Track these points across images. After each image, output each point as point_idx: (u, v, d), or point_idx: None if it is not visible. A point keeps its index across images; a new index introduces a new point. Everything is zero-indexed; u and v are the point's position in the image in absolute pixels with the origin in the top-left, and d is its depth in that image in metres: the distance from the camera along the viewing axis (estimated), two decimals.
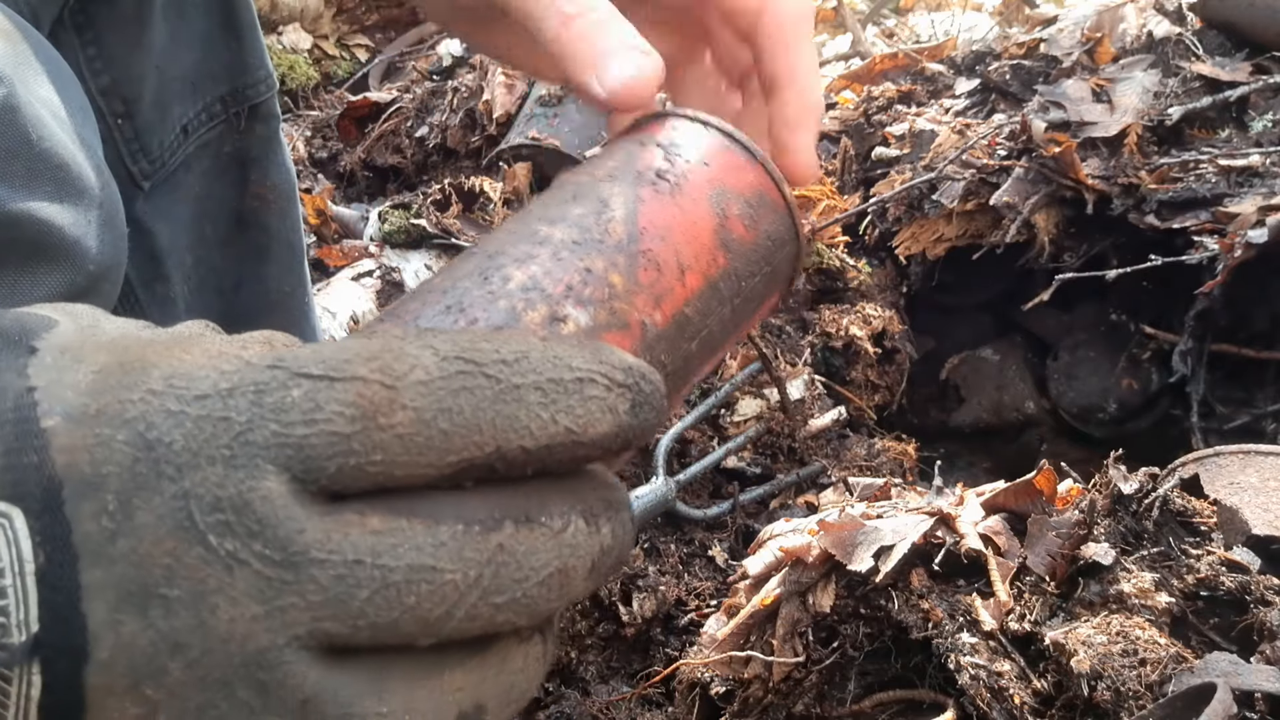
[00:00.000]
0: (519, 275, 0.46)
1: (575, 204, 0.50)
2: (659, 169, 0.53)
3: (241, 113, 1.04)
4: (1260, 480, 0.97)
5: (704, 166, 0.55)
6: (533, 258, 0.47)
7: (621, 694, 1.18)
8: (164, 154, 0.97)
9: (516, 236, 0.48)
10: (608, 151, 0.55)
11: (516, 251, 0.47)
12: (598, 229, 0.49)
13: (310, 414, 0.31)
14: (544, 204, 0.51)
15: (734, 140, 0.57)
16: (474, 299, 0.44)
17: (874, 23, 3.73)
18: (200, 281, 1.05)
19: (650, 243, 0.50)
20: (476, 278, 0.46)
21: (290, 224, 1.12)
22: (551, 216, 0.49)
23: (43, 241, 0.60)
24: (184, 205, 1.02)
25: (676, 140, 0.55)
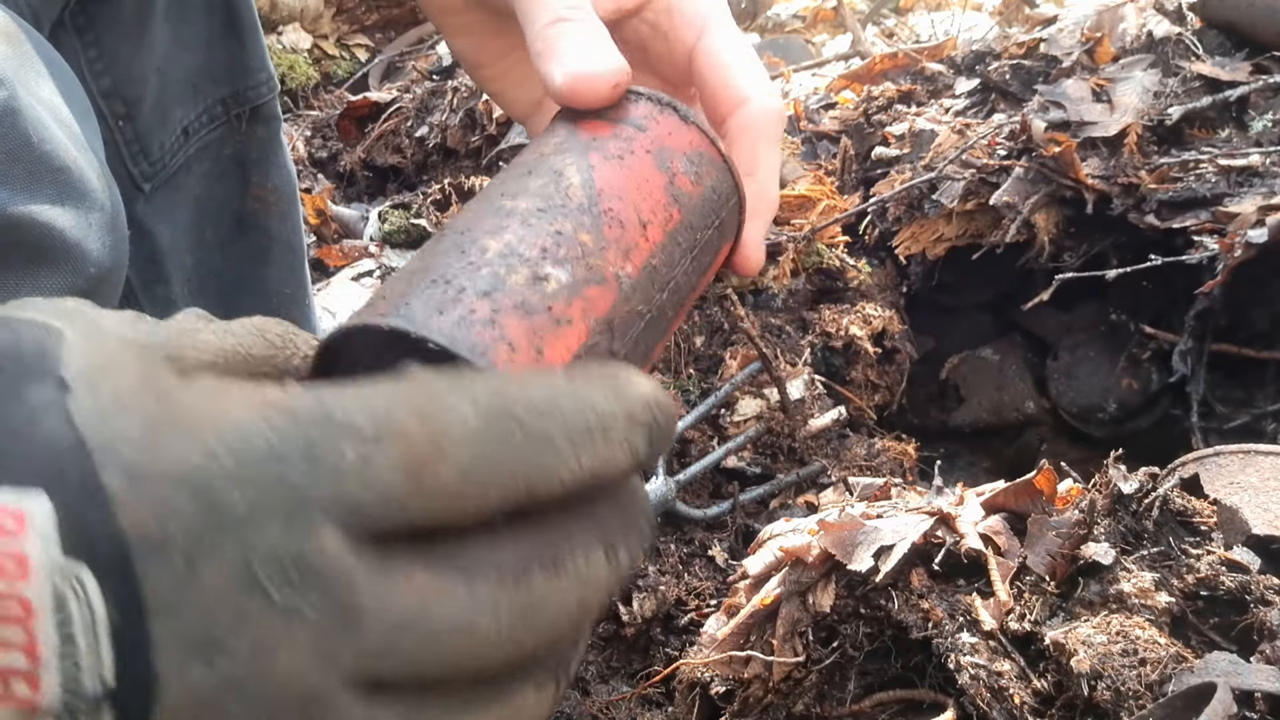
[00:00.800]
0: (494, 245, 0.48)
1: (532, 178, 0.53)
2: (602, 136, 0.57)
3: (243, 115, 1.04)
4: (1260, 480, 0.97)
5: (643, 132, 0.58)
6: (504, 229, 0.49)
7: (621, 694, 1.18)
8: (165, 156, 0.97)
9: (482, 213, 0.51)
10: (551, 130, 0.58)
11: (486, 225, 0.49)
12: (558, 195, 0.52)
13: (363, 474, 0.33)
14: (501, 181, 0.54)
15: (666, 104, 0.60)
16: (456, 270, 0.46)
17: (874, 22, 3.73)
18: (201, 283, 1.05)
19: (609, 202, 0.53)
20: (455, 253, 0.47)
21: (291, 226, 1.12)
22: (512, 191, 0.52)
23: (44, 244, 0.60)
24: (184, 207, 1.02)
25: (614, 111, 0.59)
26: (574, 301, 0.49)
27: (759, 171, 0.65)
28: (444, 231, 0.51)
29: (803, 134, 2.12)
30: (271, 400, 0.34)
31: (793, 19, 4.03)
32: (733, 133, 0.65)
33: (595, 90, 0.57)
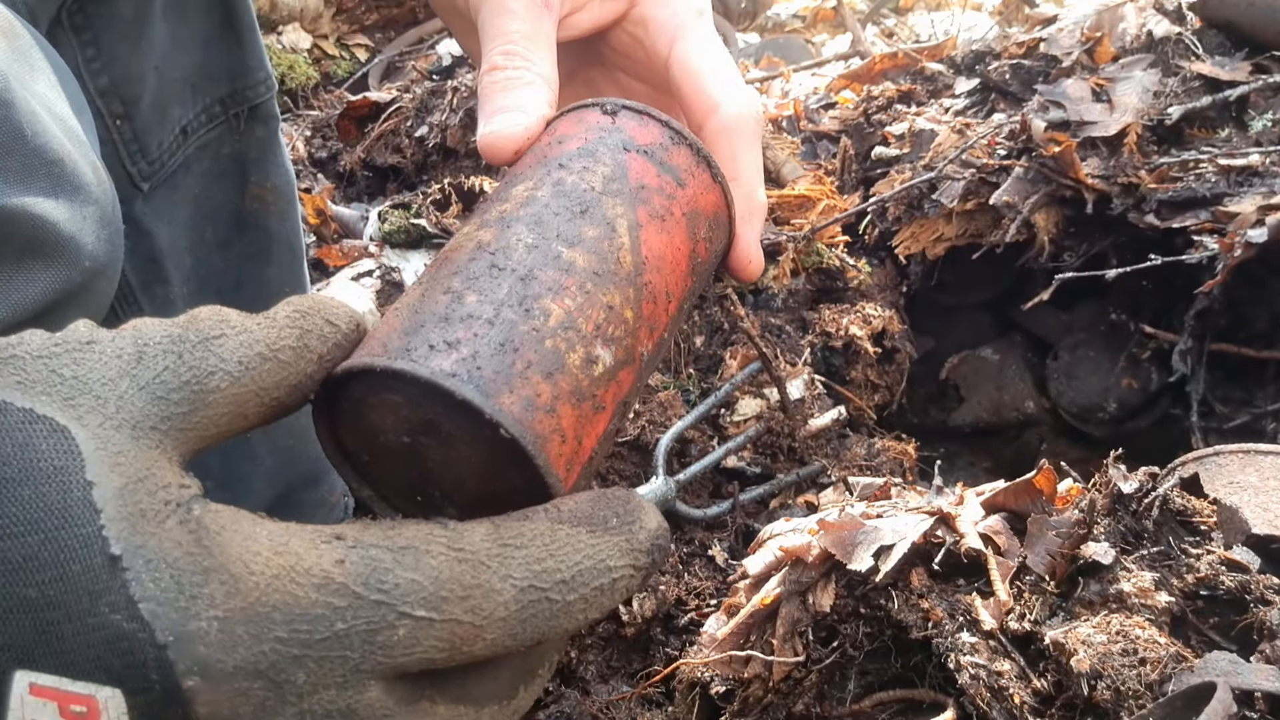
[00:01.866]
0: (556, 310, 0.48)
1: (587, 222, 0.53)
2: (652, 187, 0.57)
3: (241, 114, 1.04)
4: (1260, 479, 0.97)
5: (682, 188, 0.58)
6: (564, 290, 0.49)
7: (621, 693, 1.18)
8: (163, 155, 0.97)
9: (541, 255, 0.50)
10: (603, 138, 0.58)
11: (547, 277, 0.49)
12: (612, 258, 0.52)
13: (411, 648, 0.39)
14: (554, 209, 0.53)
15: (702, 157, 0.61)
16: (523, 337, 0.47)
17: (874, 22, 3.73)
18: (200, 283, 1.05)
19: (650, 274, 0.54)
20: (518, 307, 0.48)
21: (290, 225, 1.12)
22: (568, 235, 0.52)
23: (37, 238, 0.60)
24: (183, 207, 1.01)
25: (659, 153, 0.59)
26: (610, 386, 0.51)
27: (741, 175, 0.66)
28: (497, 255, 0.50)
29: (803, 134, 2.12)
30: (330, 574, 0.38)
31: (793, 19, 4.03)
32: (709, 139, 0.66)
33: (498, 156, 0.60)
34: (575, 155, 0.56)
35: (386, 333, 0.47)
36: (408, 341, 0.46)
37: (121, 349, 0.40)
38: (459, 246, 0.52)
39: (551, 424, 0.46)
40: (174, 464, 0.39)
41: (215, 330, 0.42)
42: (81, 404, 0.38)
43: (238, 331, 0.42)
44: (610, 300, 0.51)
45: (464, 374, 0.44)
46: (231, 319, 0.43)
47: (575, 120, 0.60)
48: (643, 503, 0.46)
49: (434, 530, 0.41)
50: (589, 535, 0.43)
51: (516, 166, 0.59)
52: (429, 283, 0.50)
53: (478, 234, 0.52)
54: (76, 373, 0.38)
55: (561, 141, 0.58)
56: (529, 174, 0.56)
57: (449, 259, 0.51)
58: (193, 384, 0.40)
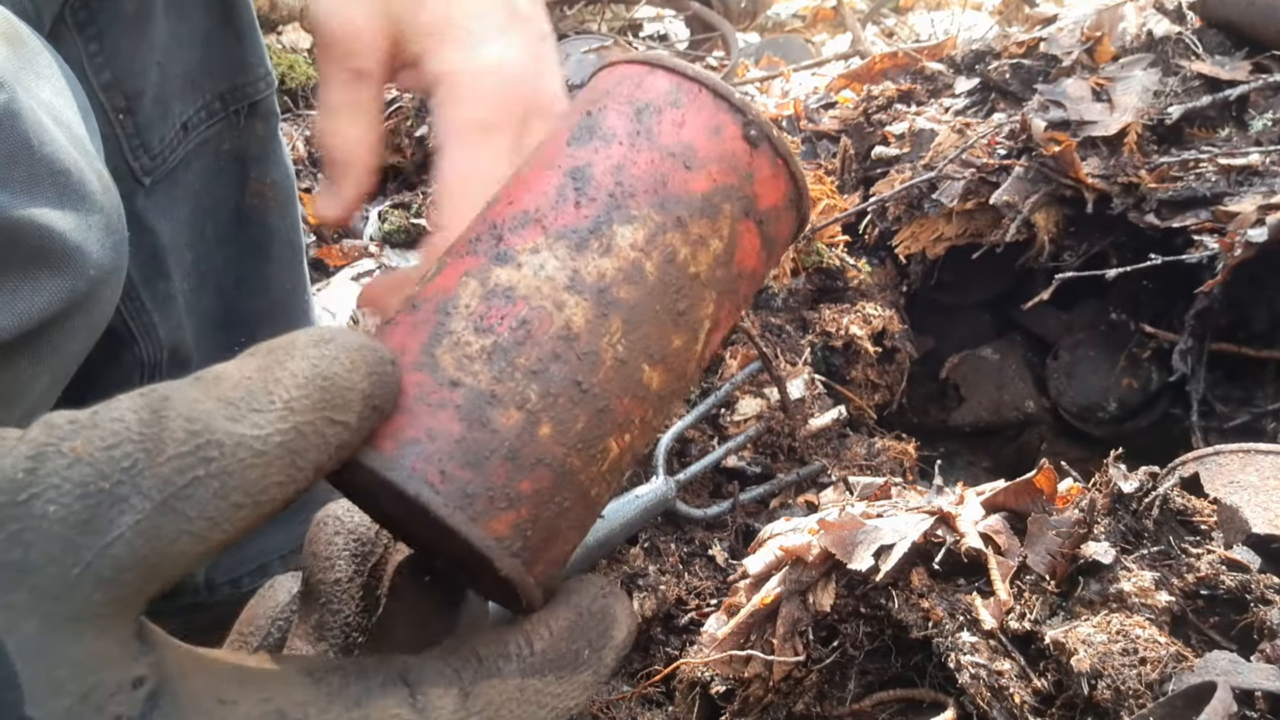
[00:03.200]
0: (614, 450, 0.45)
1: (678, 328, 0.47)
2: (748, 273, 0.50)
3: (241, 110, 1.04)
4: (1260, 479, 0.97)
5: (771, 257, 0.52)
6: (629, 424, 0.45)
7: (622, 693, 1.18)
8: (165, 150, 0.97)
9: (624, 378, 0.45)
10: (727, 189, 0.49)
11: (620, 411, 0.45)
12: (682, 371, 0.48)
13: None
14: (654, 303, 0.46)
15: (801, 218, 0.53)
16: (576, 491, 0.44)
17: (874, 22, 3.73)
18: (200, 280, 1.05)
19: (704, 366, 0.51)
20: (584, 452, 0.44)
21: (290, 222, 1.12)
22: (657, 347, 0.46)
23: (44, 247, 0.60)
24: (184, 203, 1.02)
25: (772, 222, 0.51)
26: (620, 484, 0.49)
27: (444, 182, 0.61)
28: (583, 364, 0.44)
29: (803, 133, 2.12)
30: None
31: (792, 19, 4.03)
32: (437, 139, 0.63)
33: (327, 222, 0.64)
34: (699, 210, 0.47)
35: (444, 436, 0.41)
36: (469, 480, 0.41)
37: (67, 512, 0.32)
38: (540, 297, 0.44)
39: (558, 572, 0.45)
40: (126, 644, 0.34)
41: (184, 471, 0.34)
42: (16, 603, 0.32)
43: (215, 473, 0.34)
44: (659, 423, 0.48)
45: (517, 544, 0.42)
46: (210, 446, 0.34)
47: (711, 125, 0.49)
48: (617, 612, 0.45)
49: (400, 713, 0.39)
50: (558, 683, 0.42)
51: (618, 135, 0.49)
52: (504, 360, 0.43)
53: (569, 302, 0.44)
54: (9, 556, 0.32)
55: (689, 166, 0.48)
56: (642, 206, 0.47)
57: (529, 326, 0.44)
58: (150, 559, 0.33)
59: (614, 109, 0.49)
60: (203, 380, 0.36)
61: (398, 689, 0.39)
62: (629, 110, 0.49)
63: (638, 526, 1.30)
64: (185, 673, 0.36)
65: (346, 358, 0.38)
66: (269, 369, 0.36)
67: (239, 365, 0.37)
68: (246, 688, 0.37)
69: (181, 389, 0.35)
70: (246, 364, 0.37)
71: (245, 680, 0.37)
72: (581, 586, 0.45)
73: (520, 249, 0.46)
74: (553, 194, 0.47)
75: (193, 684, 0.35)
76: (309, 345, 0.37)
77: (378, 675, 0.40)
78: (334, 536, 0.49)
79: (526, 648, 0.42)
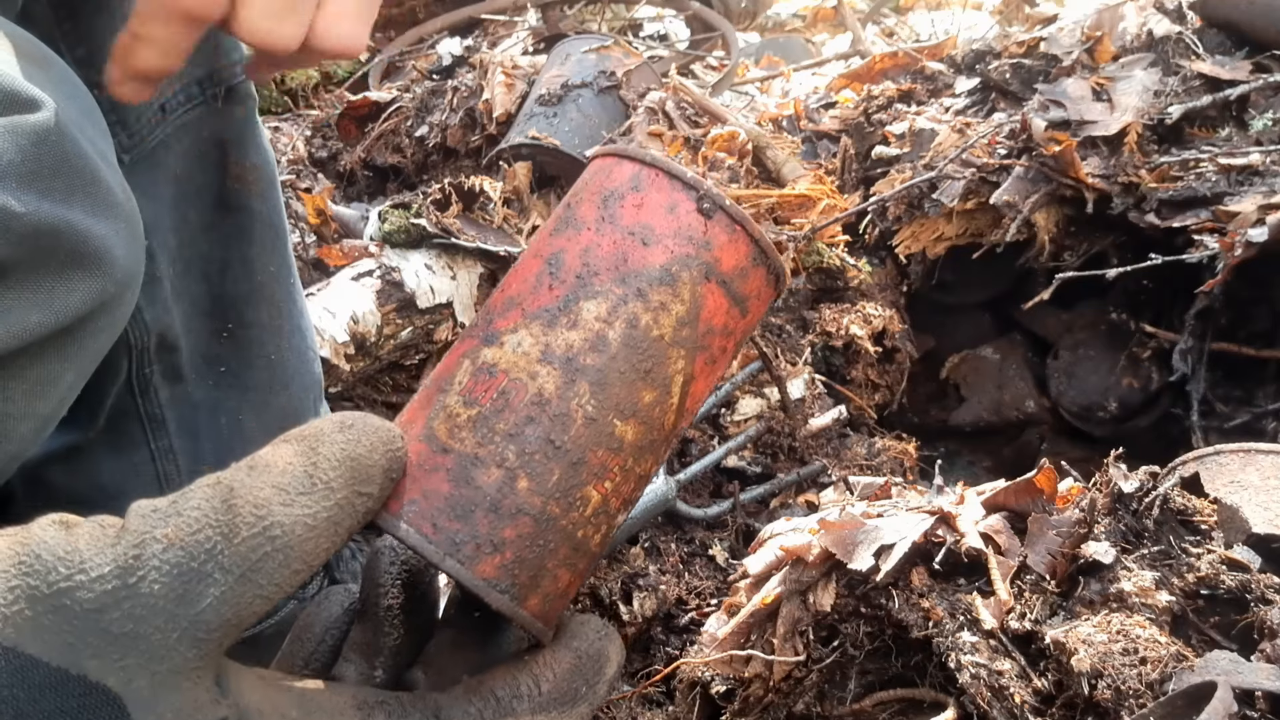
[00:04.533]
0: (595, 497, 0.51)
1: (647, 385, 0.52)
2: (717, 329, 0.55)
3: (219, 94, 1.05)
4: (1261, 479, 0.97)
5: (745, 317, 0.57)
6: (607, 473, 0.51)
7: (622, 693, 1.18)
8: (143, 129, 0.98)
9: (596, 433, 0.51)
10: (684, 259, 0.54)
11: (596, 462, 0.51)
12: (658, 423, 0.53)
13: None
14: (620, 367, 0.52)
15: (773, 274, 0.58)
16: (560, 534, 0.50)
17: (874, 21, 3.73)
18: (186, 266, 1.06)
19: (686, 419, 0.55)
20: (563, 499, 0.50)
21: (271, 205, 1.13)
22: (626, 404, 0.52)
23: (79, 250, 0.64)
24: (165, 186, 1.02)
25: (736, 282, 0.55)
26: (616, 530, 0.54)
27: None
28: (555, 426, 0.50)
29: (803, 133, 2.12)
30: None
31: (793, 18, 4.03)
32: None
33: None
34: (657, 280, 0.53)
35: (435, 495, 0.49)
36: (457, 530, 0.48)
37: (167, 589, 0.41)
38: (518, 370, 0.51)
39: (562, 603, 0.52)
40: (210, 690, 0.42)
41: (256, 549, 0.42)
42: (130, 664, 0.40)
43: (279, 548, 0.43)
44: (644, 469, 0.53)
45: (505, 583, 0.49)
46: (274, 526, 0.43)
47: (667, 204, 0.55)
48: (610, 652, 0.52)
49: None
50: (560, 717, 0.50)
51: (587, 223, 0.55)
52: (485, 427, 0.50)
53: (541, 372, 0.51)
54: (124, 628, 0.40)
55: (646, 242, 0.54)
56: (605, 282, 0.53)
57: (507, 395, 0.50)
58: (232, 620, 0.42)
59: (587, 199, 0.56)
60: (256, 469, 0.44)
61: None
62: (598, 199, 0.55)
63: (638, 526, 1.30)
64: (260, 709, 0.43)
65: (368, 440, 0.46)
66: (306, 454, 0.45)
67: (278, 453, 0.45)
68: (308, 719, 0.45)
69: (242, 479, 0.43)
70: (284, 451, 0.45)
71: (309, 713, 0.45)
72: (581, 629, 0.53)
73: (503, 330, 0.53)
74: (532, 280, 0.54)
75: (267, 718, 0.43)
76: (335, 431, 0.46)
77: (415, 713, 0.47)
78: (389, 566, 0.55)
79: (535, 688, 0.50)
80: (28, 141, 0.61)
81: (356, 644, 0.54)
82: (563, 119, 2.07)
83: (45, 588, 0.39)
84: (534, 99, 2.18)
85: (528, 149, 2.02)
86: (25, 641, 0.39)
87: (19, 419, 0.67)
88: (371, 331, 1.62)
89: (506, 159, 2.03)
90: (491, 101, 2.28)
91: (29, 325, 0.63)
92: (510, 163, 1.99)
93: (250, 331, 1.08)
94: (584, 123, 2.06)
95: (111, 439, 1.03)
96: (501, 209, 1.85)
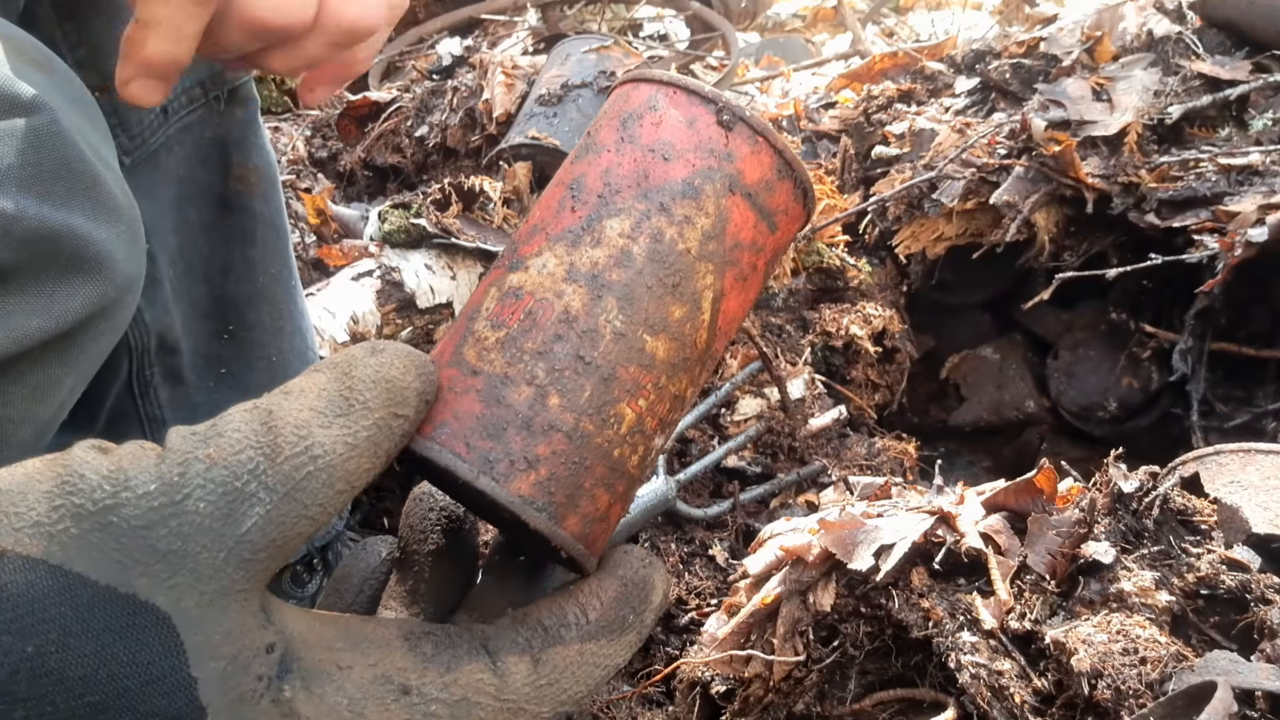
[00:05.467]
0: (630, 415, 0.50)
1: (676, 299, 0.52)
2: (745, 244, 0.54)
3: (220, 96, 1.05)
4: (1261, 479, 0.97)
5: (774, 233, 0.56)
6: (640, 389, 0.51)
7: (622, 693, 1.18)
8: (144, 131, 0.98)
9: (627, 348, 0.50)
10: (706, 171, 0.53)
11: (628, 378, 0.50)
12: (690, 340, 0.52)
13: None
14: (647, 280, 0.51)
15: (801, 189, 0.56)
16: (596, 452, 0.49)
17: (874, 21, 3.73)
18: (187, 267, 1.06)
19: (720, 341, 0.54)
20: (596, 416, 0.49)
21: (274, 206, 1.13)
22: (656, 319, 0.51)
23: (80, 255, 0.64)
24: (167, 187, 1.02)
25: (763, 194, 0.55)
26: (657, 457, 0.54)
27: None
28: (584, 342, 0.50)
29: (803, 133, 2.12)
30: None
31: (793, 18, 4.03)
32: None
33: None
34: (680, 194, 0.53)
35: (467, 416, 0.48)
36: (490, 448, 0.48)
37: (213, 507, 0.40)
38: (544, 290, 0.51)
39: (603, 528, 0.51)
40: (257, 615, 0.41)
41: (299, 468, 0.42)
42: (179, 583, 0.39)
43: (322, 467, 0.42)
44: (679, 389, 0.52)
45: (541, 500, 0.48)
46: (315, 446, 0.42)
47: (686, 119, 0.54)
48: (655, 579, 0.51)
49: (484, 679, 0.46)
50: (610, 645, 0.49)
51: (606, 144, 0.55)
52: (514, 348, 0.50)
53: (567, 290, 0.51)
54: (172, 546, 0.39)
55: (667, 157, 0.53)
56: (627, 199, 0.53)
57: (534, 316, 0.50)
58: (277, 541, 0.41)
59: (606, 124, 0.56)
60: (291, 394, 0.44)
61: (480, 657, 0.46)
62: (616, 122, 0.55)
63: (639, 526, 1.30)
64: (305, 639, 0.43)
65: (400, 363, 0.46)
66: (340, 379, 0.44)
67: (312, 379, 0.45)
68: (356, 653, 0.44)
69: (279, 403, 0.43)
70: (318, 378, 0.45)
71: (355, 645, 0.45)
72: (624, 558, 0.52)
73: (528, 255, 0.53)
74: (555, 205, 0.54)
75: (314, 649, 0.43)
76: (367, 355, 0.45)
77: (463, 643, 0.47)
78: (428, 512, 0.55)
79: (583, 616, 0.49)
80: (27, 145, 0.61)
81: (396, 593, 0.54)
82: (563, 119, 2.07)
83: (91, 505, 0.39)
84: (534, 99, 2.18)
85: (528, 149, 2.02)
86: (72, 559, 0.38)
87: (19, 423, 0.67)
88: (371, 332, 1.62)
89: (506, 159, 2.03)
90: (491, 101, 2.28)
91: (29, 330, 0.63)
92: (510, 163, 1.99)
93: (251, 333, 1.08)
94: (584, 123, 2.07)
95: (111, 440, 1.03)
96: (501, 209, 1.85)
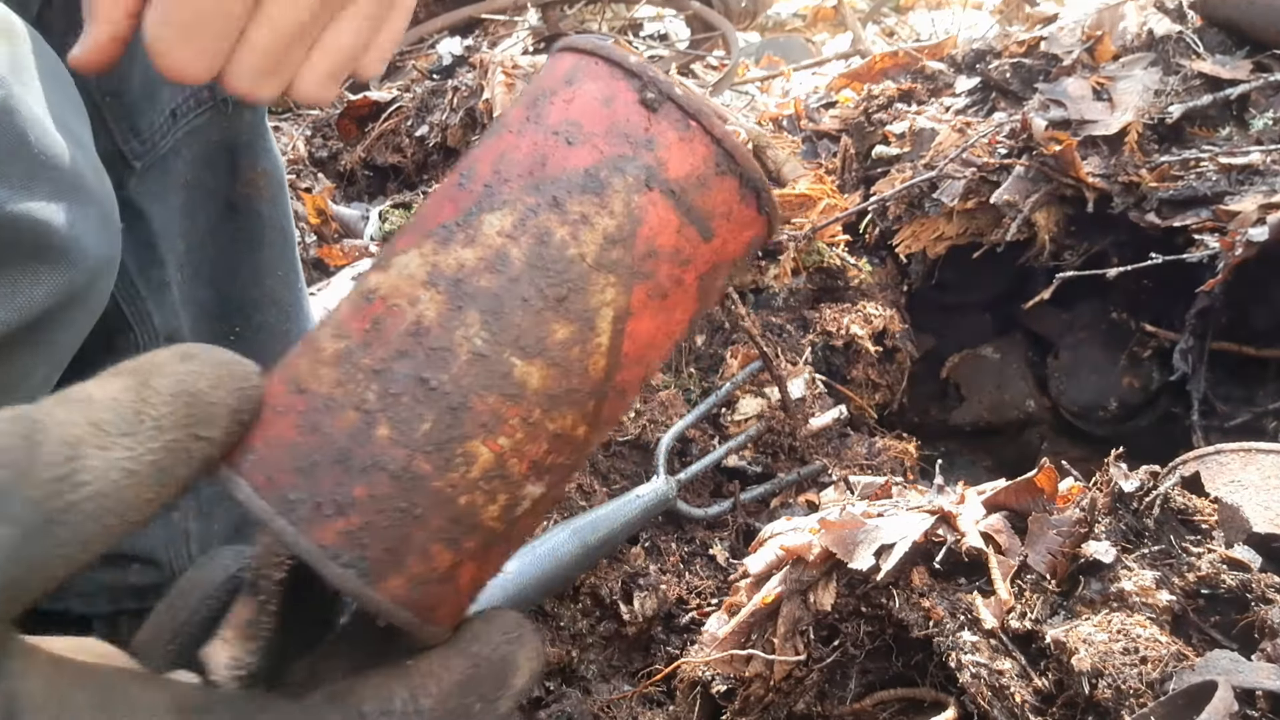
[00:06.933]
0: (485, 454, 0.40)
1: (561, 317, 0.41)
2: (663, 252, 0.43)
3: (229, 99, 1.05)
4: (1261, 478, 0.97)
5: (708, 241, 0.44)
6: (501, 424, 0.40)
7: (623, 693, 1.18)
8: (154, 135, 0.98)
9: (486, 373, 0.40)
10: (616, 159, 0.43)
11: (484, 410, 0.40)
12: (577, 368, 0.42)
13: None
14: (524, 291, 0.41)
15: (751, 187, 0.45)
16: (433, 499, 0.39)
17: (874, 21, 3.73)
18: (195, 270, 1.06)
19: (625, 373, 0.43)
20: (436, 455, 0.39)
21: (281, 210, 1.13)
22: (530, 339, 0.41)
23: (42, 242, 0.61)
24: (176, 191, 1.03)
25: (692, 193, 0.44)
26: (537, 516, 0.44)
27: None
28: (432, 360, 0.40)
29: (803, 133, 2.12)
30: None
31: (793, 18, 4.03)
32: None
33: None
34: (579, 186, 0.42)
35: (278, 443, 0.40)
36: (294, 485, 0.39)
37: None
38: (398, 295, 0.41)
39: (447, 591, 0.41)
40: None
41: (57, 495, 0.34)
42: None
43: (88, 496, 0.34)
44: (560, 426, 0.41)
45: (349, 554, 0.38)
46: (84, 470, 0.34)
47: (601, 96, 0.44)
48: (519, 659, 0.41)
49: None
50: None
51: (510, 125, 0.45)
52: (349, 363, 0.41)
53: (424, 297, 0.41)
54: None
55: (571, 141, 0.43)
56: (514, 190, 0.43)
57: (380, 325, 0.41)
58: (20, 580, 0.33)
59: (520, 102, 0.46)
60: (70, 401, 0.35)
61: None
62: (529, 99, 0.45)
63: (638, 526, 1.30)
64: (38, 700, 0.34)
65: (211, 373, 0.38)
66: (136, 388, 0.36)
67: (104, 385, 0.37)
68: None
69: (52, 411, 0.35)
70: (112, 384, 0.37)
71: (109, 714, 0.35)
72: (483, 630, 0.42)
73: (397, 251, 0.43)
74: (440, 195, 0.44)
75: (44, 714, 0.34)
76: (174, 361, 0.38)
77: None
78: None
79: (412, 704, 0.39)
80: None
81: (236, 622, 0.44)
82: None
83: None
84: None
85: None
86: None
87: None
88: None
89: None
90: (491, 101, 2.28)
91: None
92: None
93: (258, 335, 1.08)
94: None
95: None
96: None
